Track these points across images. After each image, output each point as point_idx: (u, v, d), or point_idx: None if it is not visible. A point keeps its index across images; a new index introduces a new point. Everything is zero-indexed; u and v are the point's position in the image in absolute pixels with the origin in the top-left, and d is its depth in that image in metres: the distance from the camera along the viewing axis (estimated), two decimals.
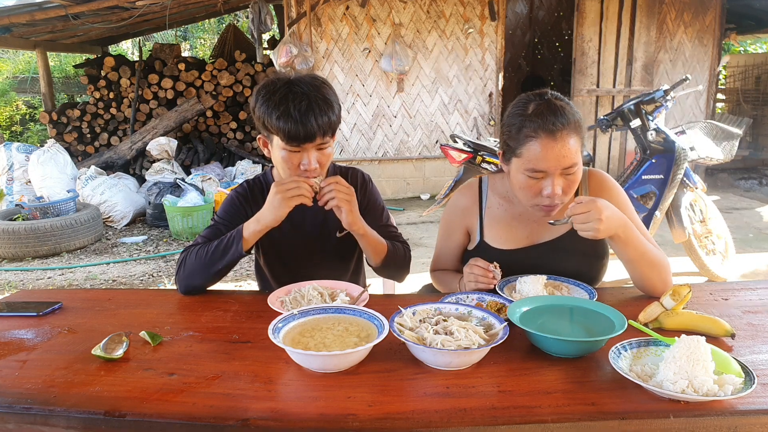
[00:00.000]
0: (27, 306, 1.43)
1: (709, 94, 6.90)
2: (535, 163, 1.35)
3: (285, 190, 1.39)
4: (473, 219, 1.61)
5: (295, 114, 1.39)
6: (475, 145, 3.86)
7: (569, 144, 1.34)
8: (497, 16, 6.43)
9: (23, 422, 0.98)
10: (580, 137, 1.37)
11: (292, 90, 1.42)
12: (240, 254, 1.48)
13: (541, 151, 1.34)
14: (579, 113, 1.40)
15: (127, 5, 5.87)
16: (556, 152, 1.33)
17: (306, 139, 1.42)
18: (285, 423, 0.92)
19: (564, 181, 1.37)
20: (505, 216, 1.58)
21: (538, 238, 1.54)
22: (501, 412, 0.92)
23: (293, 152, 1.45)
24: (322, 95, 1.44)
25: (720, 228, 3.64)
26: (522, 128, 1.37)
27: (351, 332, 1.16)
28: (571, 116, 1.36)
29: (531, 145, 1.35)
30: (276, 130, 1.43)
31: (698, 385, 0.93)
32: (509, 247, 1.55)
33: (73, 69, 11.33)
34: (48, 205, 4.83)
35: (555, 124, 1.33)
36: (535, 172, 1.37)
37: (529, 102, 1.40)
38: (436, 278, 1.74)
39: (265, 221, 1.44)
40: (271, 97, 1.43)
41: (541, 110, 1.35)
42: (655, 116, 3.38)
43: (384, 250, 1.56)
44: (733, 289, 1.49)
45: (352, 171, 1.74)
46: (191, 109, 6.88)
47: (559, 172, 1.36)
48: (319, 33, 6.37)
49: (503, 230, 1.57)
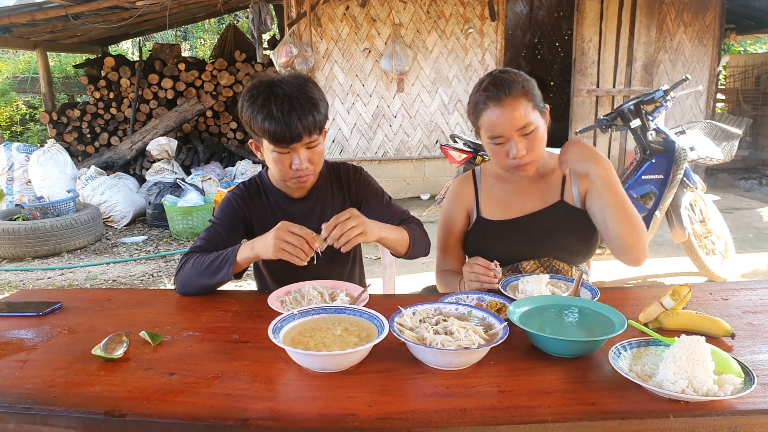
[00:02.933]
0: (27, 306, 1.43)
1: (709, 94, 6.90)
2: (491, 130, 1.51)
3: (283, 241, 1.34)
4: (470, 201, 1.73)
5: (278, 115, 1.39)
6: (475, 145, 3.86)
7: (518, 107, 1.47)
8: (497, 16, 6.43)
9: (23, 422, 0.98)
10: (529, 100, 1.49)
11: (274, 92, 1.42)
12: (229, 278, 1.47)
13: (492, 119, 1.49)
14: (528, 80, 1.53)
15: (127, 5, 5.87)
16: (507, 116, 1.47)
17: (292, 139, 1.42)
18: (285, 423, 0.92)
19: (525, 141, 1.50)
20: (498, 192, 1.70)
21: (530, 209, 1.65)
22: (501, 412, 0.92)
23: (282, 153, 1.46)
24: (305, 94, 1.43)
25: (720, 228, 3.64)
26: (477, 103, 1.54)
27: (351, 332, 1.16)
28: (517, 84, 1.49)
29: (484, 116, 1.52)
30: (262, 133, 1.44)
31: (698, 385, 0.93)
32: (503, 218, 1.66)
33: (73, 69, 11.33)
34: (48, 205, 4.83)
35: (499, 94, 1.48)
36: (494, 138, 1.52)
37: (483, 81, 1.55)
38: (439, 279, 1.78)
39: (257, 252, 1.42)
40: (255, 101, 1.43)
41: (487, 84, 1.51)
42: (655, 116, 3.38)
43: (406, 240, 1.56)
44: (733, 289, 1.49)
45: (344, 166, 1.74)
46: (191, 109, 6.89)
47: (517, 134, 1.49)
48: (319, 33, 6.37)
49: (497, 204, 1.69)
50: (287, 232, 1.35)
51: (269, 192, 1.67)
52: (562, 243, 1.61)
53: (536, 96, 1.52)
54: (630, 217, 1.48)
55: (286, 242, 1.34)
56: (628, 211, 1.48)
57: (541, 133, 1.52)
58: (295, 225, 1.37)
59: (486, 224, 1.68)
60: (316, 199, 1.67)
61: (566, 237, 1.61)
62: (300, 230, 1.36)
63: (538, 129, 1.51)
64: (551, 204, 1.64)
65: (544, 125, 1.54)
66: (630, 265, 1.56)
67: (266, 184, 1.68)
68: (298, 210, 1.66)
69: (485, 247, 1.65)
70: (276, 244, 1.35)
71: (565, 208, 1.62)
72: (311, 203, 1.66)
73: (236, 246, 1.49)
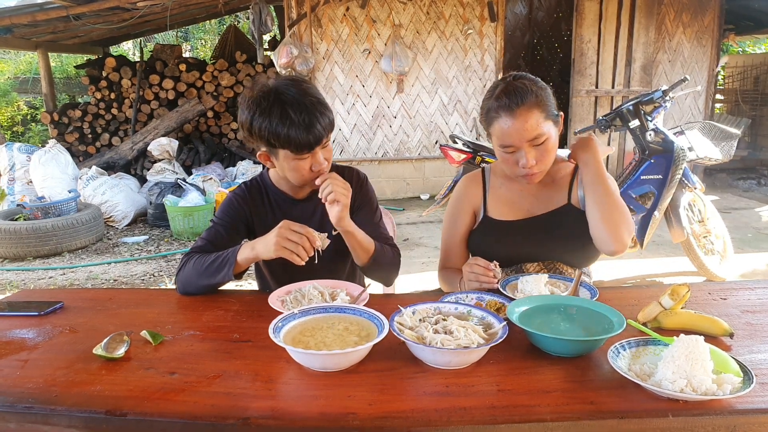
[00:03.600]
0: (28, 305, 1.44)
1: (707, 95, 6.90)
2: (502, 139, 1.51)
3: (285, 239, 1.35)
4: (478, 199, 1.72)
5: (300, 124, 1.39)
6: (474, 145, 3.86)
7: (529, 118, 1.46)
8: (496, 17, 6.43)
9: (25, 421, 0.98)
10: (542, 110, 1.48)
11: (284, 100, 1.41)
12: (229, 278, 1.48)
13: (503, 128, 1.49)
14: (543, 89, 1.51)
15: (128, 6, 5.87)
16: (518, 127, 1.46)
17: (315, 144, 1.44)
18: (285, 422, 0.92)
19: (535, 151, 1.50)
20: (506, 192, 1.70)
21: (537, 211, 1.65)
22: (500, 411, 0.93)
23: (303, 159, 1.46)
24: (314, 98, 1.44)
25: (718, 228, 3.64)
26: (489, 110, 1.53)
27: (351, 331, 1.16)
28: (531, 94, 1.47)
29: (496, 124, 1.51)
30: (284, 144, 1.42)
31: (697, 384, 0.93)
32: (510, 218, 1.66)
33: (74, 69, 11.34)
34: (49, 205, 4.83)
35: (511, 104, 1.46)
36: (505, 147, 1.52)
37: (496, 87, 1.53)
38: (442, 277, 1.78)
39: (258, 252, 1.43)
40: (270, 112, 1.40)
41: (501, 92, 1.49)
42: (653, 117, 3.38)
43: (371, 250, 1.56)
44: (732, 288, 1.49)
45: (348, 170, 1.74)
46: (192, 110, 6.89)
47: (527, 144, 1.48)
48: (320, 34, 6.38)
49: (505, 204, 1.68)
50: (289, 230, 1.36)
51: (271, 192, 1.68)
52: (568, 247, 1.61)
53: (549, 105, 1.50)
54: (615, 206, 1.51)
55: (288, 240, 1.35)
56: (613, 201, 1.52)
57: (552, 143, 1.52)
58: (297, 224, 1.38)
59: (492, 224, 1.67)
60: (318, 200, 1.67)
61: (572, 241, 1.61)
62: (302, 228, 1.37)
63: (549, 139, 1.50)
64: (559, 207, 1.64)
65: (556, 134, 1.54)
66: (610, 253, 1.54)
67: (268, 184, 1.68)
68: (300, 210, 1.66)
69: (490, 247, 1.66)
70: (278, 242, 1.36)
71: (572, 212, 1.62)
72: (313, 204, 1.67)
73: (237, 246, 1.50)
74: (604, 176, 1.55)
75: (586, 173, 1.57)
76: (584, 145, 1.60)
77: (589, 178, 1.56)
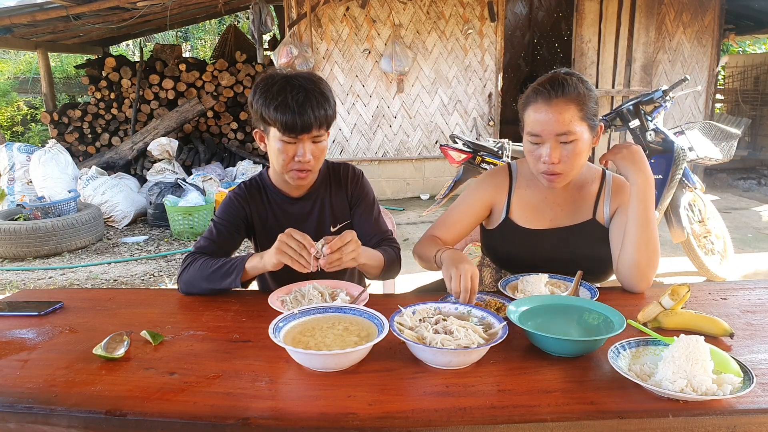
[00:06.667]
0: (28, 305, 1.44)
1: (707, 95, 6.90)
2: (532, 126, 1.45)
3: (284, 244, 1.36)
4: (502, 197, 1.65)
5: (292, 104, 1.41)
6: (474, 145, 3.86)
7: (564, 112, 1.40)
8: (497, 17, 6.43)
9: (24, 421, 0.98)
10: (580, 108, 1.42)
11: (290, 83, 1.45)
12: (236, 286, 1.48)
13: (536, 115, 1.44)
14: (589, 90, 1.44)
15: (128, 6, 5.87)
16: (550, 117, 1.41)
17: (303, 129, 1.44)
18: (285, 422, 0.92)
19: (561, 150, 1.43)
20: (531, 198, 1.63)
21: (561, 222, 1.60)
22: (500, 411, 0.93)
23: (289, 143, 1.47)
24: (319, 89, 1.46)
25: (719, 228, 3.64)
26: (528, 96, 1.48)
27: (351, 331, 1.16)
28: (573, 89, 1.42)
29: (529, 109, 1.46)
30: (273, 121, 1.45)
31: (697, 384, 0.93)
32: (533, 227, 1.60)
33: (74, 69, 11.34)
34: (49, 205, 4.83)
35: (550, 93, 1.42)
36: (532, 135, 1.46)
37: (544, 76, 1.49)
38: (423, 241, 1.66)
39: (265, 263, 1.43)
40: (269, 90, 1.45)
41: (545, 80, 1.45)
42: (654, 116, 3.39)
43: (381, 264, 1.57)
44: (732, 288, 1.49)
45: (344, 166, 1.75)
46: (192, 110, 6.89)
47: (555, 139, 1.42)
48: (320, 34, 6.38)
49: (529, 211, 1.62)
50: (289, 237, 1.37)
51: (269, 191, 1.68)
52: (585, 264, 1.50)
53: (590, 107, 1.43)
54: (650, 239, 1.43)
55: (288, 246, 1.36)
56: (651, 233, 1.42)
57: (581, 146, 1.43)
58: (299, 232, 1.39)
59: (513, 228, 1.62)
60: (316, 199, 1.68)
61: (591, 259, 1.55)
62: (301, 237, 1.37)
63: (578, 142, 1.42)
64: (582, 221, 1.58)
65: (589, 141, 1.46)
66: (633, 291, 1.47)
67: (267, 183, 1.69)
68: (298, 209, 1.67)
69: (507, 251, 1.64)
70: (279, 247, 1.37)
71: (595, 228, 1.56)
72: (311, 202, 1.67)
73: (245, 255, 1.51)
74: (652, 200, 1.43)
75: (633, 191, 1.44)
76: (632, 156, 1.44)
77: (634, 198, 1.43)
